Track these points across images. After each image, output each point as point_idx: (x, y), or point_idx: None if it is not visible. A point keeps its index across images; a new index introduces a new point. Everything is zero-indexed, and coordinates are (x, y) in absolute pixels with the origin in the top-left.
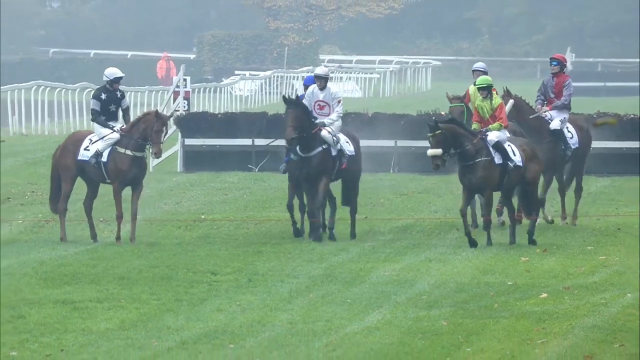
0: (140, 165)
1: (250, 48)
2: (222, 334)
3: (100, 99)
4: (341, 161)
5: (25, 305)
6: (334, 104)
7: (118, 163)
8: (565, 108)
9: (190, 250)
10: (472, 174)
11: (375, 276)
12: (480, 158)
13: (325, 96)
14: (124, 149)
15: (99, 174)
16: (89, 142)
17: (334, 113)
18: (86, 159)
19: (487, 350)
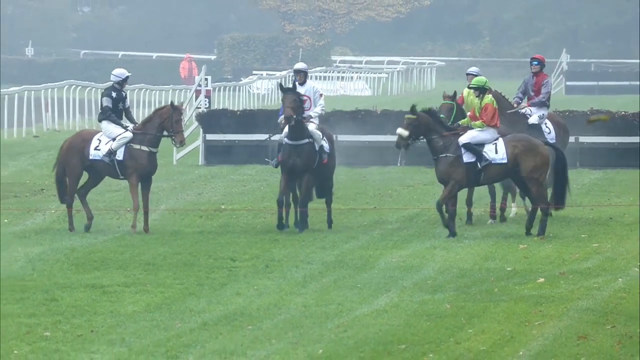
0: (154, 162)
1: (267, 49)
2: (240, 316)
3: (112, 97)
4: (322, 157)
5: (58, 289)
6: (316, 97)
7: (137, 159)
8: (544, 105)
9: (211, 238)
10: (437, 168)
11: (383, 262)
12: (446, 154)
13: (307, 91)
14: (139, 145)
15: (112, 172)
16: (98, 142)
17: (318, 107)
18: (98, 158)
19: (487, 331)
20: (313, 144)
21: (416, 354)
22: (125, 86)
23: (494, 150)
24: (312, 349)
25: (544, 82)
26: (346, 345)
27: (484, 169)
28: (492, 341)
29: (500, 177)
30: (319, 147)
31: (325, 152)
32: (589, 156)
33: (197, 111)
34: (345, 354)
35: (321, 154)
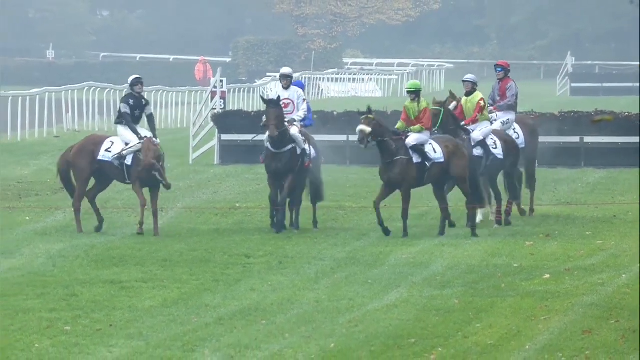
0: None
1: (281, 52)
2: (255, 311)
3: (129, 104)
4: (304, 160)
5: (77, 285)
6: (299, 102)
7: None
8: (511, 108)
9: (226, 236)
10: (392, 170)
11: (393, 259)
12: (399, 156)
13: (291, 95)
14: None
15: (120, 175)
16: (110, 144)
17: (300, 111)
18: (108, 160)
19: (495, 326)
20: (295, 149)
21: (425, 347)
22: (142, 89)
23: (432, 150)
24: (324, 343)
25: (507, 86)
26: (357, 339)
27: (428, 169)
28: (499, 335)
29: (439, 176)
30: (301, 151)
31: (307, 155)
32: (593, 156)
33: (212, 112)
34: (356, 348)
35: (303, 157)
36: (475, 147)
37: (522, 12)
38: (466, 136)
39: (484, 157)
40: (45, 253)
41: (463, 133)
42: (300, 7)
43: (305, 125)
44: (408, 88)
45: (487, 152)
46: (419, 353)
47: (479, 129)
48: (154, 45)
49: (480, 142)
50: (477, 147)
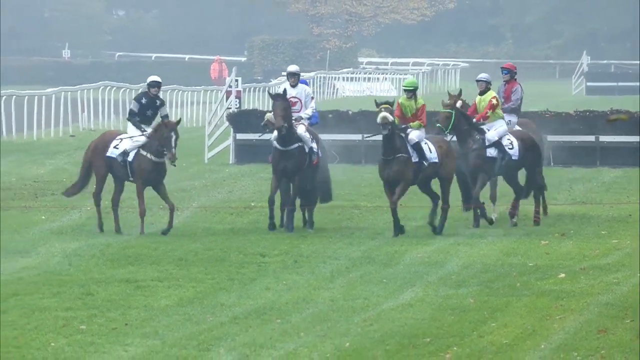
0: (160, 169)
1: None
2: (270, 310)
3: (141, 102)
4: (311, 158)
5: (93, 284)
6: (307, 100)
7: (141, 164)
8: (514, 112)
9: (241, 235)
10: (391, 168)
11: (409, 258)
12: (400, 154)
13: (298, 93)
14: (147, 153)
15: (124, 172)
16: (119, 141)
17: (309, 109)
18: (114, 156)
19: (510, 325)
20: (303, 147)
21: (440, 347)
22: (157, 92)
23: (428, 149)
24: (339, 342)
25: (513, 89)
26: (372, 338)
27: (424, 169)
28: (514, 335)
29: (431, 177)
30: (308, 149)
31: (314, 153)
32: (608, 155)
33: (227, 111)
34: (371, 347)
35: (311, 156)
36: (490, 148)
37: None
38: (480, 136)
39: (498, 158)
40: (61, 252)
41: (477, 133)
42: (316, 7)
43: (311, 123)
44: (405, 86)
45: (503, 152)
46: (434, 352)
47: (494, 129)
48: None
49: (495, 143)
50: (492, 147)
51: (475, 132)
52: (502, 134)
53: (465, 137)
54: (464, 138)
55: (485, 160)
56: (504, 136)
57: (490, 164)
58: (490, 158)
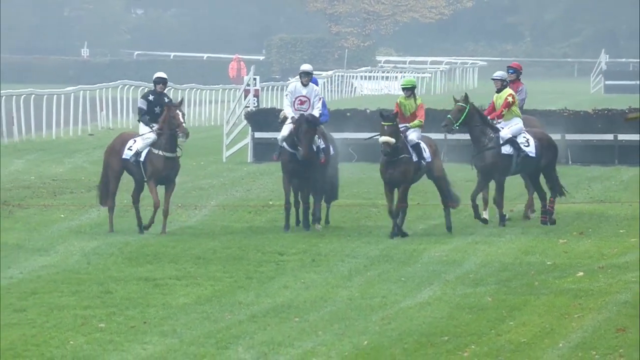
0: (173, 165)
1: (314, 50)
2: (288, 309)
3: (148, 100)
4: (319, 156)
5: (112, 282)
6: (315, 100)
7: (153, 162)
8: None
9: (259, 233)
10: (394, 169)
11: (426, 256)
12: (403, 155)
13: (308, 92)
14: (158, 150)
15: (138, 172)
16: (133, 142)
17: (315, 109)
18: (128, 158)
19: (528, 323)
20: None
21: (458, 345)
22: (163, 89)
23: (423, 149)
24: (357, 341)
25: (519, 89)
26: (390, 336)
27: (421, 168)
28: (532, 333)
29: (421, 176)
30: (316, 148)
31: (322, 152)
32: (627, 153)
33: (245, 110)
34: (389, 346)
35: (319, 154)
36: (504, 145)
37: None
38: (494, 134)
39: (514, 155)
40: (79, 250)
41: (491, 131)
42: (334, 5)
43: (321, 121)
44: (404, 85)
45: (518, 150)
46: (452, 351)
47: (508, 127)
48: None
49: (509, 140)
50: (506, 145)
51: (490, 130)
52: (517, 131)
53: (478, 135)
54: (477, 136)
55: (501, 159)
56: (520, 134)
57: (506, 162)
58: (506, 156)
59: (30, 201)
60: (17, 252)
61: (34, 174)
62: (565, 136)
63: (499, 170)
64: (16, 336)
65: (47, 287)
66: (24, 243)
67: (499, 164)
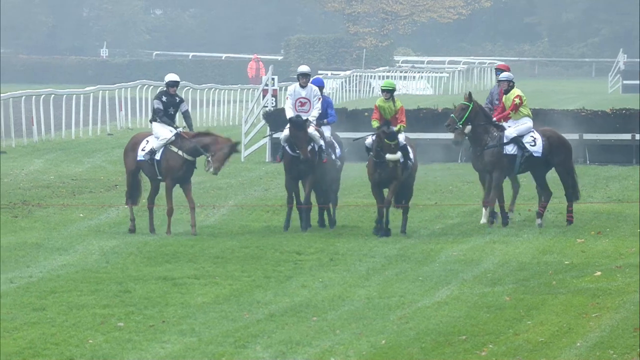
0: (188, 165)
1: (332, 50)
2: (306, 308)
3: (162, 101)
4: (321, 156)
5: (131, 281)
6: (314, 100)
7: (170, 161)
8: None
9: (277, 233)
10: (384, 169)
11: (444, 256)
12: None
13: (307, 93)
14: (177, 149)
15: (152, 171)
16: (146, 143)
17: (315, 110)
18: (142, 159)
19: (546, 323)
20: (313, 147)
21: (476, 344)
22: (175, 92)
23: (408, 150)
24: (375, 340)
25: None
26: (408, 336)
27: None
28: (550, 332)
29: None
30: (318, 147)
31: (323, 152)
32: None
33: (264, 110)
34: (407, 345)
35: (320, 154)
36: (509, 145)
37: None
38: (498, 133)
39: (518, 155)
40: (98, 250)
41: (495, 129)
42: (352, 5)
43: (329, 122)
44: (384, 86)
45: (522, 149)
46: (469, 350)
47: (514, 126)
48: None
49: (514, 139)
50: (510, 144)
51: (494, 129)
52: (524, 131)
53: (480, 134)
54: (480, 135)
55: (503, 158)
56: (527, 133)
57: (507, 161)
58: (509, 155)
59: (50, 201)
60: (36, 251)
61: (53, 174)
62: (583, 136)
63: (499, 169)
64: (36, 335)
65: (67, 286)
66: (44, 242)
67: (499, 162)
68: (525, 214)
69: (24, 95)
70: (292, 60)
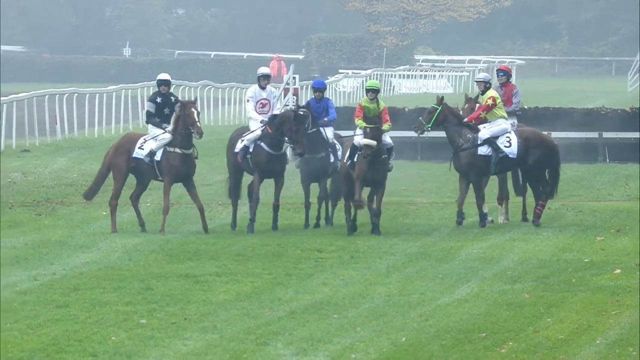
0: (189, 162)
1: (353, 49)
2: (327, 305)
3: (156, 102)
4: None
5: (153, 279)
6: (275, 102)
7: (170, 160)
8: (514, 114)
9: (298, 230)
10: (375, 169)
11: (464, 254)
12: (382, 156)
13: (268, 95)
14: (174, 148)
15: (151, 172)
16: (144, 141)
17: (275, 111)
18: (141, 157)
19: (565, 320)
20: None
21: (496, 341)
22: (166, 90)
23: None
24: (396, 337)
25: (513, 92)
26: (428, 333)
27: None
28: (570, 330)
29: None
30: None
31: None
32: None
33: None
34: (427, 342)
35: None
36: (482, 146)
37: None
38: (472, 135)
39: (492, 156)
40: (121, 247)
41: (468, 131)
42: (372, 5)
43: (329, 119)
44: (369, 86)
45: (496, 150)
46: (489, 347)
47: (488, 127)
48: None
49: (487, 141)
50: (484, 145)
51: (467, 130)
52: (499, 132)
53: (453, 136)
54: (453, 137)
55: (477, 159)
56: (503, 134)
57: (483, 162)
58: (483, 157)
59: (73, 199)
60: (59, 249)
61: (76, 172)
62: (603, 134)
63: (474, 171)
64: (59, 332)
65: (90, 283)
66: (67, 240)
67: (474, 164)
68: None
69: (47, 94)
70: (313, 59)
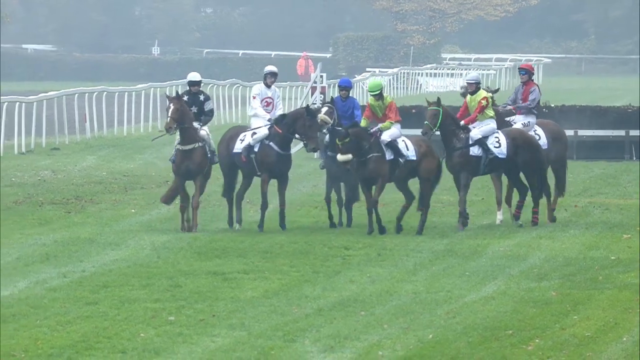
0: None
1: (380, 48)
2: (354, 303)
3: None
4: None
5: (181, 276)
6: (278, 101)
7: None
8: (530, 112)
9: (325, 228)
10: (365, 167)
11: (491, 251)
12: (372, 153)
13: (272, 93)
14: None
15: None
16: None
17: (278, 110)
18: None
19: (592, 318)
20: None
21: (523, 339)
22: (197, 90)
23: (405, 147)
24: (422, 334)
25: (531, 89)
26: (455, 330)
27: (400, 166)
28: (596, 327)
29: (407, 175)
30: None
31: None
32: None
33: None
34: (454, 339)
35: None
36: (474, 146)
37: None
38: (464, 135)
39: (482, 157)
40: (150, 245)
41: (461, 132)
42: (399, 4)
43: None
44: (370, 90)
45: (486, 151)
46: (516, 344)
47: (479, 128)
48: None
49: (479, 141)
50: (475, 146)
51: (460, 131)
52: (488, 132)
53: (450, 137)
54: (449, 138)
55: (469, 160)
56: (492, 135)
57: (473, 163)
58: (474, 157)
59: (102, 196)
60: (89, 246)
61: (105, 170)
62: (630, 132)
63: (466, 170)
64: (88, 328)
65: (118, 280)
66: (96, 237)
67: (466, 164)
68: (571, 210)
69: (77, 92)
70: (341, 58)
